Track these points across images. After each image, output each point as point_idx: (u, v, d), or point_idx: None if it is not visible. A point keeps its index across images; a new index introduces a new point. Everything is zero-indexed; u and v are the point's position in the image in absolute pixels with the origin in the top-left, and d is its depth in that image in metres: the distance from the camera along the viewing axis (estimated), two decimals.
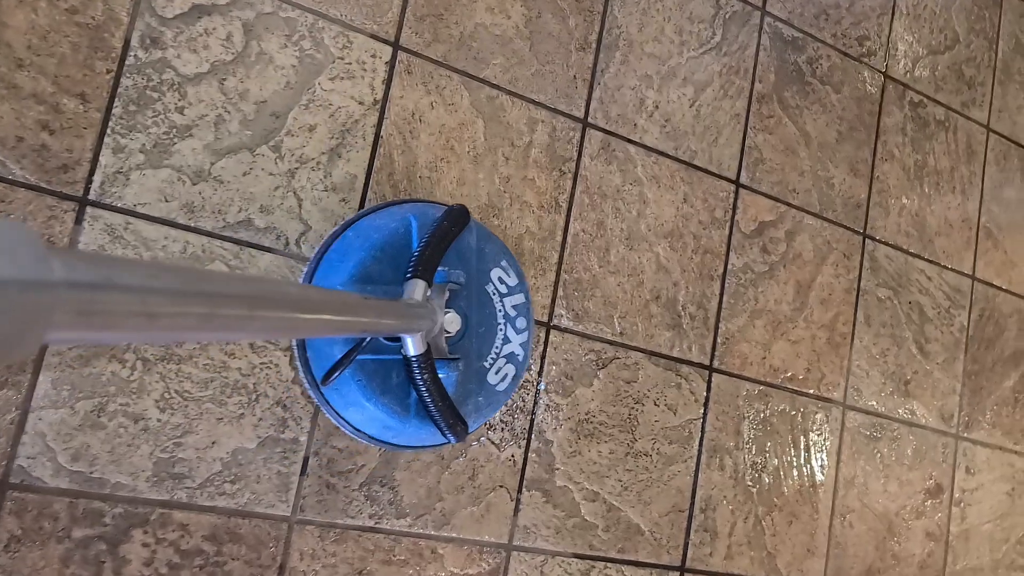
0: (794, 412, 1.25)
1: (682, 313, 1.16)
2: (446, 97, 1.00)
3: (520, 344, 0.91)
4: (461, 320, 0.85)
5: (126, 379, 0.82)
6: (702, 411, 1.17)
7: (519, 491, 1.02)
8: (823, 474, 1.27)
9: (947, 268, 1.45)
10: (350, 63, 0.94)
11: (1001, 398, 1.51)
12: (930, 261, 1.43)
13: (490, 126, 1.03)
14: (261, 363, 0.87)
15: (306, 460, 0.90)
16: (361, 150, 0.95)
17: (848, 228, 1.33)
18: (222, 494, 0.85)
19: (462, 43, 1.01)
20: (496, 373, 0.89)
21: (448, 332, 0.83)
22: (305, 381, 0.87)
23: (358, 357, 0.80)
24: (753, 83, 1.24)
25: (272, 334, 0.46)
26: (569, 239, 1.08)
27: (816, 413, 1.28)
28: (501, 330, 0.90)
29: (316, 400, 0.88)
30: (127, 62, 0.83)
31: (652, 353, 1.13)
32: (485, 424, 1.00)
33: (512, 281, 0.91)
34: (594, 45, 1.11)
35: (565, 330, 1.07)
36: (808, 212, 1.28)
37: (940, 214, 1.45)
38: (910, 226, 1.41)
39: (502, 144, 1.03)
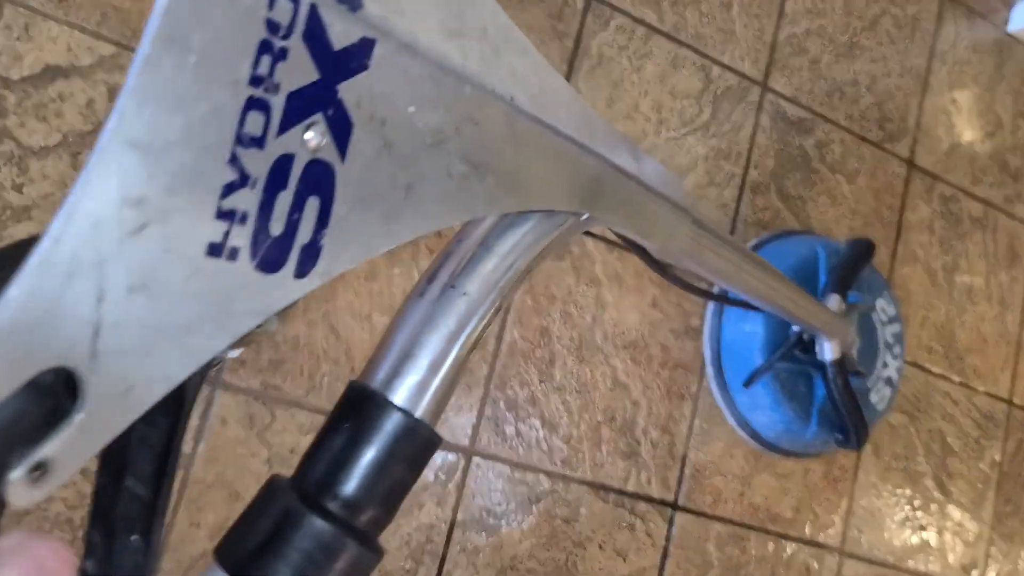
0: (776, 559, 1.05)
1: (641, 439, 0.98)
2: None
3: (895, 369, 1.02)
4: (858, 341, 0.94)
5: None
6: (660, 557, 0.98)
7: None
8: None
9: (978, 391, 1.23)
10: None
11: None
12: (958, 382, 1.22)
13: None
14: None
15: None
16: None
17: None
18: None
19: None
20: (876, 393, 0.99)
21: (855, 348, 0.92)
22: (714, 386, 0.99)
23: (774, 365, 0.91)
24: (747, 169, 1.07)
25: (758, 295, 0.59)
26: (504, 348, 0.91)
27: (805, 560, 1.07)
28: (881, 354, 1.00)
29: (722, 403, 1.00)
30: None
31: (600, 486, 0.95)
32: (378, 571, 0.83)
33: (892, 311, 1.02)
34: None
35: (492, 457, 0.90)
36: None
37: (972, 327, 1.24)
38: (934, 340, 1.20)
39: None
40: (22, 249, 0.16)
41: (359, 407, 0.27)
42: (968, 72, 1.27)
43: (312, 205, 0.21)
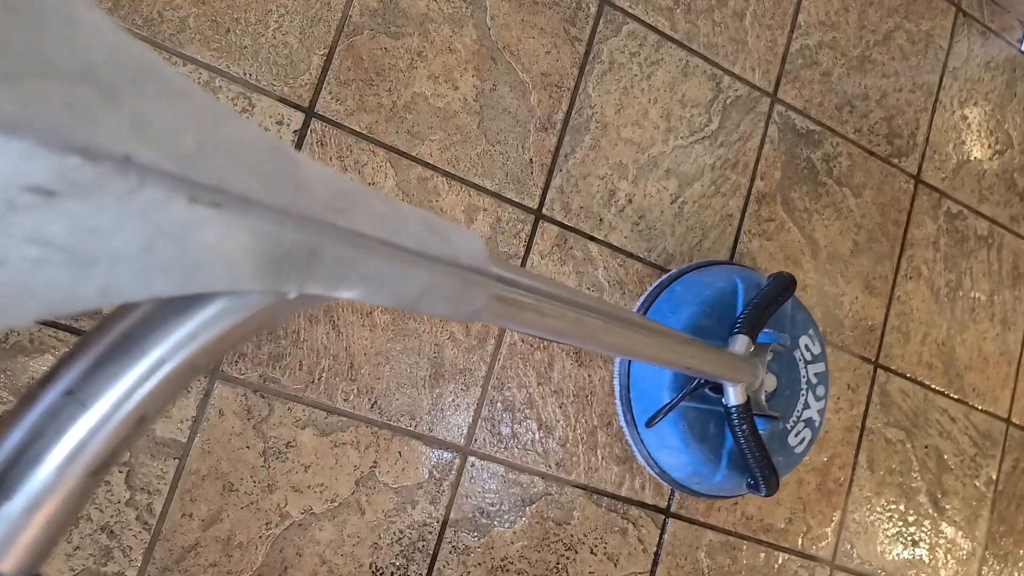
0: (768, 570, 1.05)
1: None
2: (366, 175, 0.85)
3: (818, 411, 0.97)
4: (775, 381, 0.91)
5: None
6: (651, 563, 0.98)
7: None
8: None
9: (976, 409, 1.23)
10: None
11: None
12: (956, 399, 1.21)
13: None
14: None
15: None
16: None
17: (856, 355, 1.13)
18: None
19: (394, 114, 0.87)
20: (796, 436, 0.95)
21: (765, 391, 0.88)
22: (623, 421, 0.94)
23: (683, 404, 0.86)
24: (753, 180, 1.07)
25: (617, 350, 0.55)
26: (503, 350, 0.91)
27: (796, 572, 1.07)
28: (803, 395, 0.95)
29: (630, 440, 0.95)
30: None
31: (594, 490, 0.95)
32: (369, 567, 0.84)
33: (816, 350, 0.97)
34: (559, 125, 0.95)
35: (487, 457, 0.90)
36: None
37: (973, 345, 1.23)
38: (934, 357, 1.20)
39: None
40: None
41: None
42: (979, 90, 1.27)
43: None
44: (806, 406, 0.95)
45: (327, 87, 0.84)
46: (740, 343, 0.83)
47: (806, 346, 0.96)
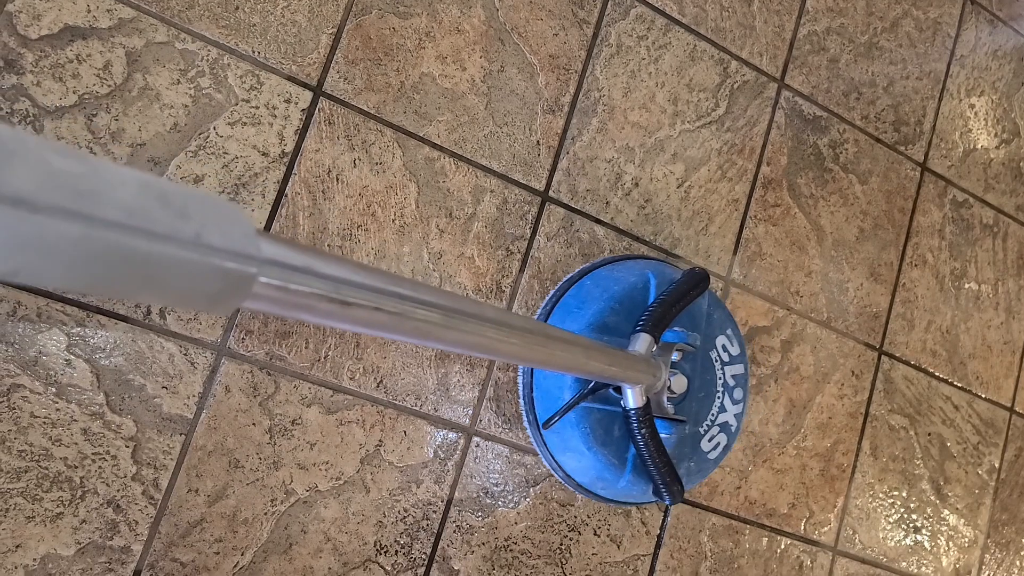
0: (770, 554, 1.06)
1: None
2: (373, 155, 0.85)
3: (735, 415, 0.91)
4: (686, 383, 0.86)
5: None
6: (653, 546, 0.98)
7: None
8: None
9: (980, 397, 1.23)
10: (257, 107, 0.80)
11: None
12: (960, 387, 1.21)
13: (425, 192, 0.88)
14: (94, 453, 0.73)
15: (137, 574, 0.75)
16: (259, 209, 0.80)
17: (861, 342, 1.13)
18: None
19: (402, 94, 0.87)
20: (709, 440, 0.89)
21: (673, 393, 0.83)
22: (527, 421, 0.89)
23: (585, 405, 0.81)
24: (760, 165, 1.07)
25: (471, 349, 0.48)
26: None
27: (798, 557, 1.08)
28: (719, 398, 0.90)
29: (534, 442, 0.89)
30: None
31: None
32: (373, 545, 0.84)
33: (735, 351, 0.92)
34: (566, 108, 0.95)
35: (491, 438, 0.90)
36: (812, 319, 1.09)
37: (977, 333, 1.23)
38: (938, 344, 1.20)
39: (437, 214, 0.88)
40: None
41: None
42: (987, 78, 1.27)
43: None
44: (722, 409, 0.90)
45: (335, 66, 0.84)
46: (641, 342, 0.78)
47: (723, 346, 0.91)
